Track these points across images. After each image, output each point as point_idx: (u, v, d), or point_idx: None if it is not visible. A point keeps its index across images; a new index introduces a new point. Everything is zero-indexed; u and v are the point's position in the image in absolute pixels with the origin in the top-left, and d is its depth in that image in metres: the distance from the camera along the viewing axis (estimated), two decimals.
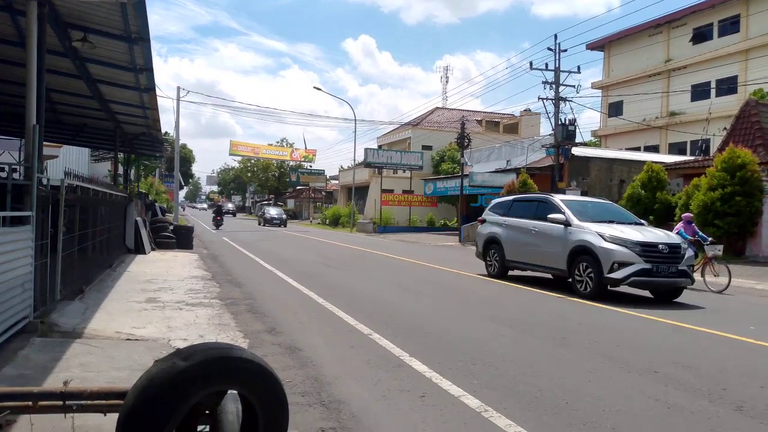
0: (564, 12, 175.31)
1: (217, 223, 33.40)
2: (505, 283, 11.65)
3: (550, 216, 10.73)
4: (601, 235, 9.74)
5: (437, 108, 54.98)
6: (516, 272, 12.54)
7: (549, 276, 12.02)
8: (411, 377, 4.87)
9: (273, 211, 46.13)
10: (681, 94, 35.88)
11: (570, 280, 10.32)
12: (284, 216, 45.14)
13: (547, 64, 27.86)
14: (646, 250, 9.42)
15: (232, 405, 2.67)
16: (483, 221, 13.22)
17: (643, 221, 11.54)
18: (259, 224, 44.37)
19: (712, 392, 4.62)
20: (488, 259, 12.75)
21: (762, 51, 31.53)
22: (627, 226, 10.26)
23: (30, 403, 2.70)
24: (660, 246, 9.54)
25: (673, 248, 9.65)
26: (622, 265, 9.35)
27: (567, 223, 10.43)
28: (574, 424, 3.86)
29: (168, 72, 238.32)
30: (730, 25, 34.28)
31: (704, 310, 9.24)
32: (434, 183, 37.73)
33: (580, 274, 9.89)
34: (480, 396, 4.36)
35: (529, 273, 12.55)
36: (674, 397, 4.49)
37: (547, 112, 28.19)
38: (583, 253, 9.91)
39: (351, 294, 9.71)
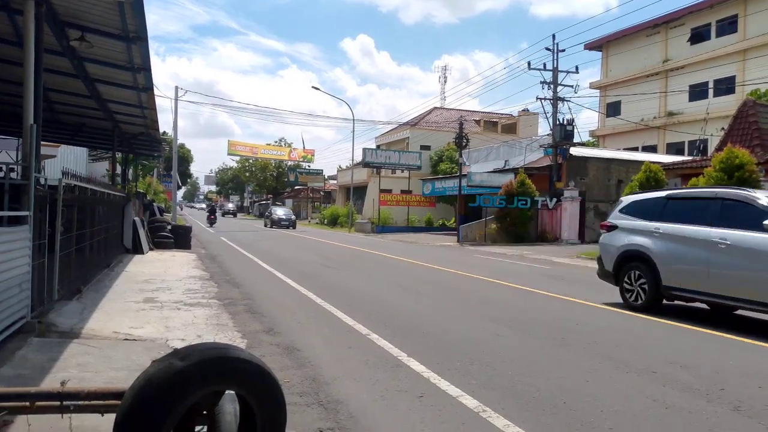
0: (562, 12, 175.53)
1: (211, 221, 36.42)
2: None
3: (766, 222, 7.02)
4: None
5: (435, 108, 54.99)
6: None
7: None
8: (409, 377, 4.87)
9: (280, 212, 42.56)
10: (679, 94, 35.93)
11: None
12: (293, 217, 41.84)
13: (545, 64, 27.91)
14: None
15: (229, 405, 2.67)
16: (611, 227, 9.54)
17: None
18: (266, 226, 41.23)
19: (711, 392, 4.63)
20: (627, 283, 8.85)
21: (760, 51, 31.59)
22: None
23: (27, 403, 2.70)
24: None
25: None
26: None
27: None
28: (572, 425, 3.86)
29: (166, 71, 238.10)
30: (728, 25, 34.34)
31: (703, 310, 9.25)
32: (432, 183, 37.73)
33: None
34: (478, 396, 4.36)
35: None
36: (672, 397, 4.49)
37: (545, 112, 28.26)
38: None
39: (349, 294, 9.71)
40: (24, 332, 5.53)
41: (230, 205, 78.73)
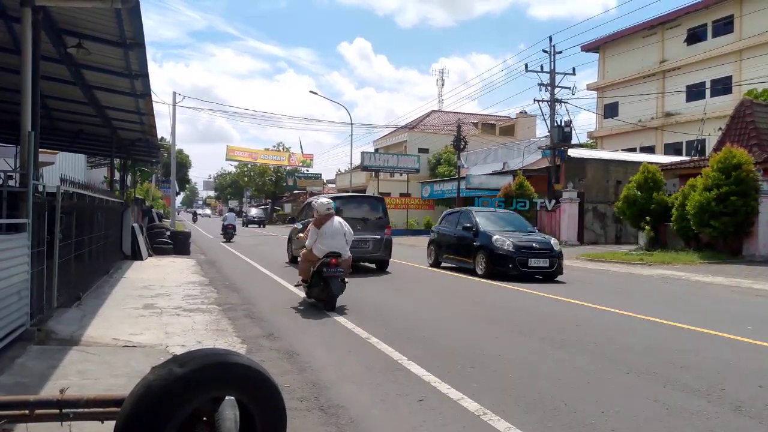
0: (560, 14, 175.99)
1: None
2: (491, 282, 11.68)
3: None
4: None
5: (433, 111, 55.07)
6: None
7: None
8: (410, 381, 4.86)
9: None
10: (676, 95, 36.01)
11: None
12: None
13: (542, 66, 28.00)
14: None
15: (229, 411, 2.66)
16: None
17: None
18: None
19: (711, 393, 4.62)
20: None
21: (756, 51, 31.68)
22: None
23: (27, 411, 2.69)
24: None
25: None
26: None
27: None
28: (573, 426, 3.86)
29: (163, 77, 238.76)
30: (724, 26, 34.44)
31: (701, 310, 9.27)
32: (431, 186, 37.77)
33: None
34: (479, 399, 4.36)
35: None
36: (673, 397, 4.49)
37: (542, 114, 28.37)
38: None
39: (349, 298, 9.69)
40: (23, 340, 5.52)
41: (254, 211, 57.05)
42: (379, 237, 14.20)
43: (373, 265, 14.64)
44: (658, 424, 3.93)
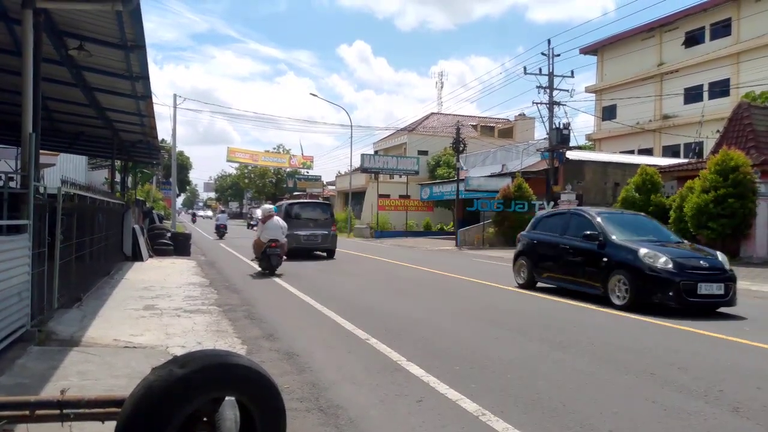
0: (558, 17, 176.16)
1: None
2: (493, 284, 11.70)
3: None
4: None
5: (433, 113, 55.08)
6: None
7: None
8: (409, 381, 4.88)
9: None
10: (674, 98, 36.04)
11: None
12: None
13: (540, 69, 28.02)
14: None
15: (229, 412, 2.68)
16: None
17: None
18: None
19: (709, 394, 4.65)
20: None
21: (753, 54, 31.72)
22: None
23: (27, 412, 2.71)
24: None
25: None
26: None
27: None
28: (571, 427, 3.88)
29: (164, 79, 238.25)
30: (722, 29, 34.48)
31: (698, 312, 9.28)
32: (430, 188, 37.77)
33: None
34: (478, 400, 4.38)
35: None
36: (671, 398, 4.51)
37: (541, 117, 28.37)
38: None
39: (348, 299, 9.72)
40: (24, 341, 5.54)
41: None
42: (326, 233, 18.77)
43: (324, 253, 18.94)
44: (656, 425, 3.96)
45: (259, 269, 13.31)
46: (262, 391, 2.68)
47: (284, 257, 13.46)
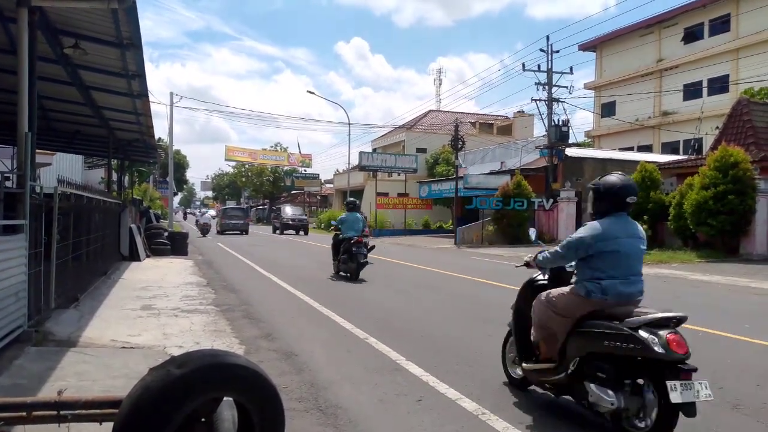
0: (557, 13, 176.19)
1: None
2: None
3: None
4: None
5: (431, 110, 55.05)
6: None
7: None
8: (408, 381, 4.86)
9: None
10: (673, 94, 36.05)
11: None
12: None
13: (539, 66, 28.01)
14: None
15: (227, 412, 2.66)
16: None
17: None
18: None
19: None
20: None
21: (753, 50, 31.72)
22: None
23: (24, 413, 2.68)
24: None
25: None
26: None
27: None
28: (571, 426, 3.86)
29: (160, 77, 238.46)
30: (721, 25, 34.49)
31: (699, 309, 9.28)
32: (429, 185, 37.75)
33: None
34: (477, 399, 4.36)
35: None
36: None
37: (540, 114, 28.36)
38: None
39: (347, 298, 9.70)
40: (21, 341, 5.51)
41: (290, 210, 42.47)
42: (243, 222, 35.32)
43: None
44: None
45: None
46: (261, 392, 2.66)
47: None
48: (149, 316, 7.52)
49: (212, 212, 73.47)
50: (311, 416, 4.02)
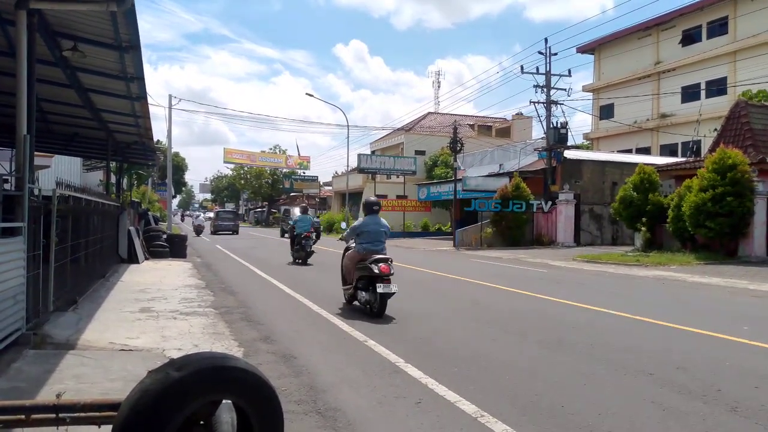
0: (556, 16, 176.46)
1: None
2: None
3: None
4: None
5: (430, 113, 55.11)
6: None
7: None
8: (407, 383, 4.86)
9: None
10: (671, 96, 36.11)
11: None
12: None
13: (538, 68, 28.08)
14: None
15: (226, 415, 2.66)
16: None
17: None
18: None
19: (707, 393, 4.63)
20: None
21: (751, 52, 31.80)
22: None
23: (23, 416, 2.68)
24: None
25: None
26: None
27: None
28: (570, 428, 3.86)
29: (159, 80, 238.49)
30: (719, 27, 34.57)
31: (698, 311, 9.30)
32: (428, 188, 37.76)
33: None
34: (476, 401, 4.36)
35: None
36: (669, 399, 4.50)
37: (538, 116, 28.39)
38: None
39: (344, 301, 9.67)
40: (19, 344, 5.50)
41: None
42: (234, 223, 40.75)
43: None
44: (654, 426, 3.94)
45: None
46: (259, 394, 2.65)
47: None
48: (148, 318, 7.51)
49: (209, 214, 75.26)
50: (310, 419, 4.02)
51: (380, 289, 7.73)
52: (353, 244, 8.82)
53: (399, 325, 7.52)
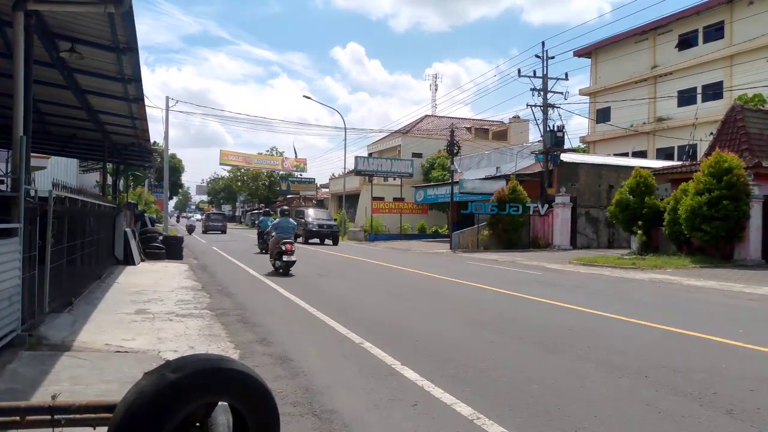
0: (553, 19, 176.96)
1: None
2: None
3: None
4: None
5: (427, 116, 55.18)
6: None
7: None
8: (403, 385, 4.86)
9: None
10: (668, 100, 36.25)
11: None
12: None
13: (535, 72, 28.15)
14: None
15: (222, 417, 2.65)
16: None
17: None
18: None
19: (703, 396, 4.65)
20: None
21: (746, 56, 31.96)
22: None
23: (18, 417, 2.67)
24: None
25: None
26: None
27: None
28: (566, 430, 3.87)
29: (156, 81, 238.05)
30: (715, 32, 34.74)
31: (693, 314, 9.32)
32: (424, 190, 37.79)
33: None
34: (472, 403, 4.36)
35: None
36: (665, 401, 4.51)
37: (535, 119, 28.44)
38: None
39: (342, 303, 9.69)
40: (14, 346, 5.48)
41: (314, 213, 33.29)
42: (222, 224, 46.12)
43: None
44: (650, 428, 3.95)
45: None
46: (256, 396, 2.65)
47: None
48: (144, 320, 7.50)
49: (198, 216, 79.08)
50: (306, 421, 4.01)
51: (285, 258, 13.58)
52: (274, 233, 14.60)
53: (394, 327, 7.52)
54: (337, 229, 31.58)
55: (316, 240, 30.56)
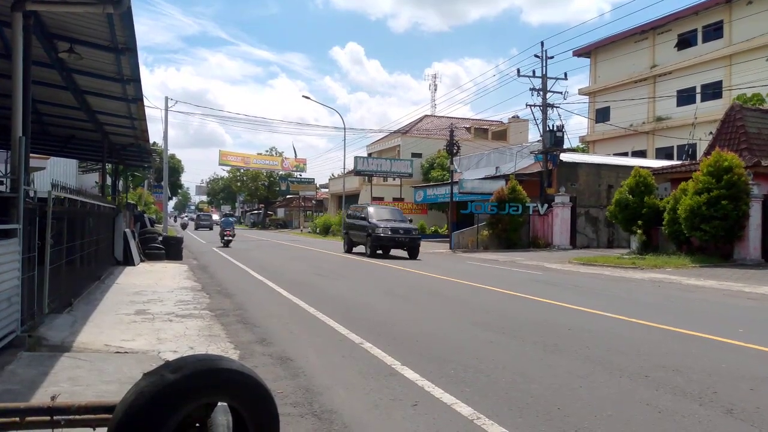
0: (552, 19, 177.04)
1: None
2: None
3: None
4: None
5: (426, 116, 55.16)
6: None
7: None
8: (403, 386, 4.86)
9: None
10: (667, 100, 36.28)
11: None
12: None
13: (534, 71, 28.16)
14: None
15: (222, 417, 2.65)
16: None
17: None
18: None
19: (703, 396, 4.64)
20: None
21: (745, 56, 31.98)
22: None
23: (17, 419, 2.66)
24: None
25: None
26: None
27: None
28: (566, 430, 3.86)
29: (155, 82, 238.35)
30: (714, 31, 34.76)
31: (693, 314, 9.32)
32: (424, 190, 37.79)
33: None
34: (472, 403, 4.36)
35: None
36: (665, 401, 4.50)
37: (535, 119, 28.46)
38: None
39: (342, 303, 9.68)
40: (14, 346, 5.48)
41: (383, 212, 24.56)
42: (209, 222, 59.29)
43: None
44: (650, 428, 3.94)
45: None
46: (255, 397, 2.65)
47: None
48: (143, 320, 7.49)
49: (191, 215, 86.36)
50: (306, 421, 4.01)
51: (226, 238, 25.27)
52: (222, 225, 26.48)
53: (395, 327, 7.51)
54: (418, 235, 22.49)
55: (386, 249, 21.95)
